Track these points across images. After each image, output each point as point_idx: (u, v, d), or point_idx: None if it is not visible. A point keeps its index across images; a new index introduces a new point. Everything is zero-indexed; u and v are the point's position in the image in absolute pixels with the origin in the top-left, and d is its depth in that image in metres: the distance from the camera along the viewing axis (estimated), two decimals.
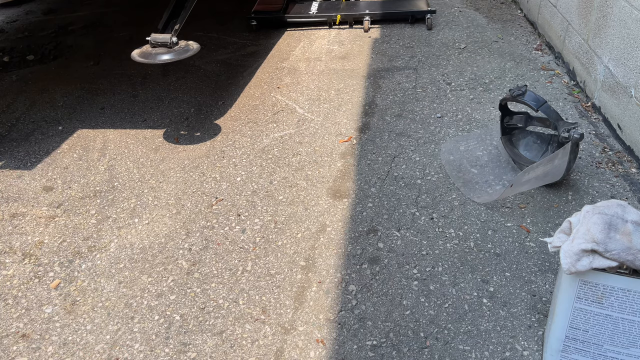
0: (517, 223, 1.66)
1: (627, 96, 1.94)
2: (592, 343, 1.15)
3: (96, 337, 1.38)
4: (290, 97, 2.52)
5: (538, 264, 1.51)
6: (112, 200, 1.89)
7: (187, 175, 2.00)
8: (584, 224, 1.10)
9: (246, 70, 2.81)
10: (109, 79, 2.79)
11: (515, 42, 2.95)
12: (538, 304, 1.39)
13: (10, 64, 3.05)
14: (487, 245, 1.58)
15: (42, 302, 1.49)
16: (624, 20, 1.97)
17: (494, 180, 1.87)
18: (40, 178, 2.04)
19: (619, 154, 1.95)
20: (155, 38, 2.08)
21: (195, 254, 1.62)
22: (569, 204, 1.72)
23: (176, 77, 2.78)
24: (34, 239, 1.73)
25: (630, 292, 1.08)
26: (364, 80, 2.63)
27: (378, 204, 1.78)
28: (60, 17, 3.74)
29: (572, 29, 2.50)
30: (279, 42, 3.16)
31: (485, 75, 2.60)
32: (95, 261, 1.62)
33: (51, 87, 2.73)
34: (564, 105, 2.29)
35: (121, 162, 2.11)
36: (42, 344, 1.37)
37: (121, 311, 1.45)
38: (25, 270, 1.61)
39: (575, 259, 1.08)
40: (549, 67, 2.64)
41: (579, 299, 1.12)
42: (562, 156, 1.62)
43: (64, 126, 2.39)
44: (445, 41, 3.02)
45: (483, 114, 2.27)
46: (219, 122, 2.35)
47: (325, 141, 2.15)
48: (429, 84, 2.55)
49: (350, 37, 3.18)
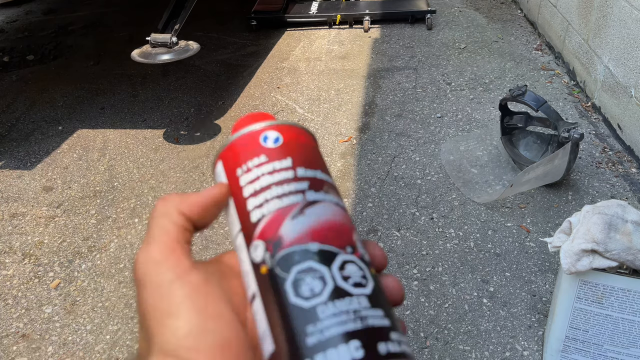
0: (517, 223, 1.66)
1: (627, 96, 1.94)
2: (592, 343, 1.15)
3: (96, 337, 1.38)
4: (290, 97, 2.52)
5: (538, 264, 1.51)
6: (112, 200, 1.88)
7: (187, 175, 2.00)
8: (584, 224, 1.10)
9: (246, 70, 2.81)
10: (109, 79, 2.79)
11: (515, 42, 2.95)
12: (538, 304, 1.39)
13: (10, 64, 3.05)
14: (487, 245, 1.58)
15: (42, 302, 1.49)
16: (624, 20, 1.97)
17: (494, 180, 1.87)
18: (40, 178, 2.04)
19: (619, 154, 1.95)
20: (155, 38, 2.08)
21: (196, 254, 1.62)
22: (569, 204, 1.72)
23: (176, 77, 2.78)
24: (33, 239, 1.73)
25: (630, 292, 1.08)
26: (364, 80, 2.63)
27: (378, 204, 1.78)
28: (60, 17, 3.74)
29: (572, 28, 2.50)
30: (279, 42, 3.16)
31: (485, 75, 2.60)
32: (95, 261, 1.62)
33: (51, 87, 2.73)
34: (564, 105, 2.29)
35: (121, 162, 2.11)
36: (42, 344, 1.37)
37: (121, 311, 1.45)
38: (25, 270, 1.61)
39: (575, 259, 1.08)
40: (549, 67, 2.64)
41: (579, 299, 1.12)
42: (562, 156, 1.62)
43: (64, 126, 2.39)
44: (445, 41, 3.02)
45: (483, 114, 2.27)
46: (219, 122, 2.35)
47: (325, 141, 2.15)
48: (429, 83, 2.55)
49: (350, 37, 3.18)
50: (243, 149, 0.31)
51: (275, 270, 0.26)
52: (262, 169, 0.29)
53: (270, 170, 0.29)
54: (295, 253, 0.26)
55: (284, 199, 0.28)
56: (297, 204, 0.28)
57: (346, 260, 0.26)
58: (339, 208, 0.29)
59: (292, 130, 0.31)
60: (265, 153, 0.30)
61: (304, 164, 0.30)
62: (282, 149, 0.30)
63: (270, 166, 0.29)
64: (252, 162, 0.30)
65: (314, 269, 0.25)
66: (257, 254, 0.27)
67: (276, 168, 0.29)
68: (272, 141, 0.30)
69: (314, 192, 0.29)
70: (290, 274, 0.26)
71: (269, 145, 0.30)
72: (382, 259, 0.30)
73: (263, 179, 0.29)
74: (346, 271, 0.26)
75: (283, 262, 0.26)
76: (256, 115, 0.33)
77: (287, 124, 0.31)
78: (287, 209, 0.28)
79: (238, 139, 0.31)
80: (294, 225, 0.27)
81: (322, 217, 0.28)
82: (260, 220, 0.28)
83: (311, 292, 0.25)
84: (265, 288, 0.26)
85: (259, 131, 0.31)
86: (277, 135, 0.30)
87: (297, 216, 0.27)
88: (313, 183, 0.29)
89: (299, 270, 0.26)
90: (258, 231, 0.27)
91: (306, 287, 0.25)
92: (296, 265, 0.26)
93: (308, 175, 0.29)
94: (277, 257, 0.26)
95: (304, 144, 0.31)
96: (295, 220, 0.27)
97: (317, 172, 0.30)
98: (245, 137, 0.31)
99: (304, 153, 0.31)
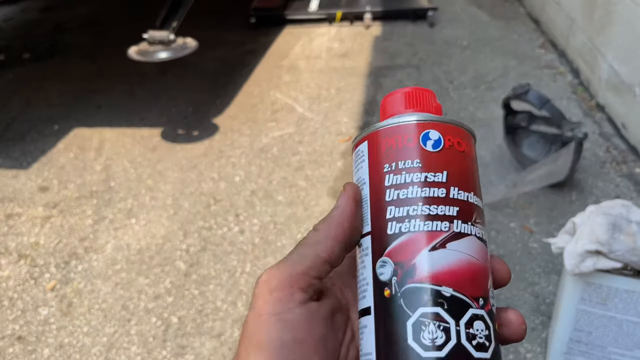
0: (520, 224, 1.63)
1: (632, 95, 1.92)
2: (596, 345, 1.13)
3: (93, 339, 1.36)
4: (289, 95, 2.49)
5: (542, 265, 1.49)
6: (109, 201, 1.86)
7: (185, 175, 1.98)
8: (588, 225, 1.08)
9: (245, 68, 2.78)
10: (106, 78, 2.77)
11: (519, 40, 2.92)
12: (541, 305, 1.37)
13: (6, 62, 3.03)
14: (490, 246, 1.56)
15: (38, 304, 1.47)
16: (628, 18, 1.94)
17: (497, 180, 1.85)
18: (36, 178, 2.02)
19: (624, 153, 1.93)
20: (153, 35, 2.05)
21: (193, 255, 1.60)
22: (572, 204, 1.70)
23: (174, 75, 2.76)
24: (29, 239, 1.71)
25: (635, 294, 1.06)
26: (365, 79, 2.61)
27: None
28: (57, 15, 3.71)
29: (576, 26, 2.47)
30: (278, 39, 3.13)
31: (488, 74, 2.57)
32: (91, 262, 1.60)
33: (47, 86, 2.71)
34: (567, 104, 2.26)
35: (118, 161, 2.09)
36: (38, 347, 1.35)
37: (118, 313, 1.43)
38: (21, 271, 1.59)
39: (579, 260, 1.06)
40: (552, 66, 2.61)
41: (582, 300, 1.11)
42: (565, 156, 1.60)
43: (60, 125, 2.36)
44: (448, 39, 2.99)
45: (486, 113, 2.24)
46: (217, 121, 2.32)
47: (325, 140, 2.12)
48: (430, 82, 2.52)
49: (350, 34, 3.15)
50: (397, 142, 0.27)
51: (399, 301, 0.25)
52: (412, 176, 0.26)
53: (422, 180, 0.26)
54: (425, 291, 0.24)
55: (428, 223, 0.26)
56: (441, 233, 0.26)
57: (476, 315, 0.25)
58: (482, 245, 0.27)
59: (456, 134, 0.28)
60: (420, 157, 0.26)
61: (459, 184, 0.27)
62: (440, 156, 0.27)
63: (422, 176, 0.26)
64: (403, 163, 0.27)
65: (442, 318, 0.24)
66: (383, 272, 0.25)
67: (429, 180, 0.26)
68: (432, 144, 0.27)
69: (462, 222, 0.26)
70: (415, 313, 0.24)
71: (427, 147, 0.27)
72: (505, 274, 0.29)
73: (411, 189, 0.26)
74: (473, 329, 0.24)
75: (410, 295, 0.25)
76: (420, 93, 0.28)
77: (454, 124, 0.28)
78: (430, 237, 0.25)
79: (396, 127, 0.27)
80: (432, 258, 0.25)
81: (464, 255, 0.26)
82: (396, 236, 0.26)
83: (432, 343, 0.24)
84: (383, 313, 0.25)
85: (422, 125, 0.27)
86: (439, 136, 0.27)
87: (438, 248, 0.25)
88: (463, 210, 0.27)
89: (425, 313, 0.24)
90: (390, 247, 0.26)
91: (428, 335, 0.24)
92: (424, 306, 0.24)
93: (460, 198, 0.27)
94: (404, 287, 0.25)
95: (465, 154, 0.28)
96: (434, 253, 0.25)
97: (470, 195, 0.27)
98: (404, 128, 0.27)
99: (462, 167, 0.27)
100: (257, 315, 0.25)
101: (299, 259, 0.27)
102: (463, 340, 0.24)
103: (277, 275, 0.26)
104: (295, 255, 0.27)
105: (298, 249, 0.27)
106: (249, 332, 0.25)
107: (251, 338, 0.25)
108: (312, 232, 0.28)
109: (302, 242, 0.28)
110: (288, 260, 0.27)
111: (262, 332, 0.25)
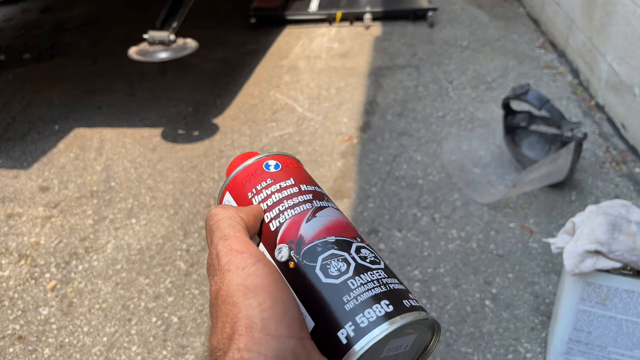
0: (520, 224, 1.64)
1: (631, 95, 1.92)
2: (595, 345, 1.14)
3: (93, 339, 1.36)
4: (289, 95, 2.50)
5: (541, 265, 1.49)
6: (109, 201, 1.86)
7: (185, 175, 1.98)
8: (588, 225, 1.09)
9: (245, 69, 2.78)
10: (106, 78, 2.77)
11: (518, 40, 2.93)
12: (541, 305, 1.37)
13: (6, 62, 3.02)
14: (489, 246, 1.56)
15: (39, 304, 1.47)
16: (627, 18, 1.94)
17: (497, 180, 1.85)
18: (36, 178, 2.02)
19: (623, 153, 1.93)
20: (153, 36, 2.05)
21: (194, 255, 1.60)
22: (572, 204, 1.70)
23: (174, 75, 2.76)
24: (30, 239, 1.71)
25: (634, 294, 1.06)
26: (365, 79, 2.61)
27: (379, 204, 1.76)
28: (57, 15, 3.71)
29: (576, 26, 2.47)
30: (278, 39, 3.13)
31: (488, 74, 2.57)
32: (92, 262, 1.60)
33: (47, 86, 2.71)
34: (567, 104, 2.26)
35: (118, 161, 2.09)
36: (38, 346, 1.35)
37: (118, 313, 1.43)
38: (21, 271, 1.59)
39: (579, 260, 1.06)
40: (552, 66, 2.61)
41: (582, 300, 1.11)
42: (565, 156, 1.60)
43: (60, 125, 2.36)
44: (447, 39, 2.99)
45: (485, 113, 2.24)
46: (217, 121, 2.32)
47: (325, 140, 2.12)
48: (430, 82, 2.53)
49: (350, 34, 3.15)
50: (249, 178, 0.37)
51: (303, 262, 0.31)
52: (270, 188, 0.35)
53: (278, 188, 0.35)
54: (317, 245, 0.32)
55: (296, 208, 0.34)
56: (308, 210, 0.34)
57: (359, 246, 0.32)
58: (340, 212, 0.36)
59: (286, 158, 0.38)
60: (270, 177, 0.36)
61: (304, 182, 0.36)
62: (282, 172, 0.37)
63: (277, 185, 0.35)
64: (260, 186, 0.36)
65: (337, 254, 0.31)
66: (282, 255, 0.32)
67: (282, 186, 0.35)
68: (274, 167, 0.37)
69: (319, 200, 0.35)
70: (317, 262, 0.31)
71: (271, 170, 0.37)
72: None
73: (274, 196, 0.35)
74: (362, 254, 0.32)
75: (308, 254, 0.31)
76: (247, 154, 0.39)
77: (281, 154, 0.38)
78: (301, 215, 0.33)
79: (242, 171, 0.37)
80: (310, 226, 0.33)
81: (331, 217, 0.34)
82: (279, 228, 0.33)
83: (339, 272, 0.30)
84: (295, 279, 0.31)
85: (261, 160, 0.37)
86: (276, 162, 0.37)
87: (311, 219, 0.33)
88: (315, 194, 0.36)
89: (324, 257, 0.31)
90: (279, 237, 0.33)
91: (334, 268, 0.30)
92: (321, 254, 0.31)
93: (310, 189, 0.36)
94: (302, 252, 0.31)
95: (298, 168, 0.38)
96: (310, 222, 0.33)
97: (315, 187, 0.37)
98: (249, 168, 0.37)
99: (300, 174, 0.37)
100: (240, 269, 0.29)
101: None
102: (359, 261, 0.31)
103: (234, 242, 0.32)
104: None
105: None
106: (240, 285, 0.29)
107: (247, 287, 0.28)
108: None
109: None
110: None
111: (256, 277, 0.29)
